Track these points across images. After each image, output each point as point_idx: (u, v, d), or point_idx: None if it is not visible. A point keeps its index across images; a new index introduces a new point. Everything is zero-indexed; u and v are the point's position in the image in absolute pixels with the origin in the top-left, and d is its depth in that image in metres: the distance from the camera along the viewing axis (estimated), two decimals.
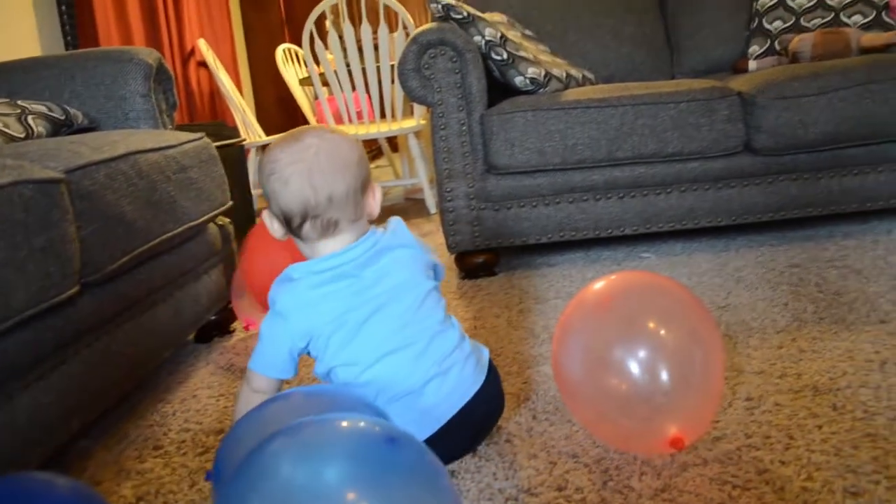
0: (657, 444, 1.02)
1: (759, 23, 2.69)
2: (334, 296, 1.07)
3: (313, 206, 1.05)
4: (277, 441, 0.72)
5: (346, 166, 1.07)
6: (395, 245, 1.12)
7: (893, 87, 2.08)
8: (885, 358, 1.33)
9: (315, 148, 1.06)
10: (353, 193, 1.08)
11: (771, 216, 2.19)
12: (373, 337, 1.07)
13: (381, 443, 0.72)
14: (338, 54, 3.37)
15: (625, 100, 2.10)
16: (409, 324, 1.08)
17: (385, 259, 1.10)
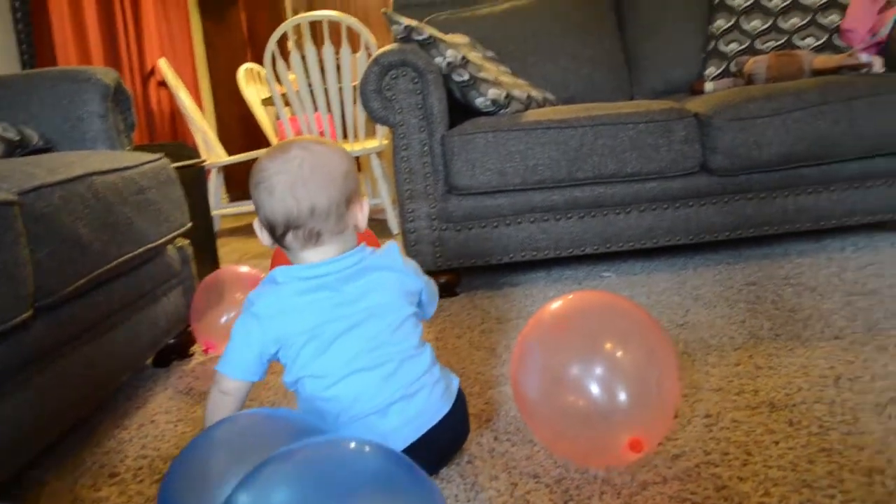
0: (617, 455, 1.03)
1: (715, 45, 2.75)
2: (315, 305, 1.08)
3: (295, 217, 1.07)
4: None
5: (330, 178, 1.08)
6: (381, 266, 1.13)
7: (845, 109, 2.13)
8: (839, 373, 1.35)
9: (300, 159, 1.07)
10: (337, 206, 1.08)
11: (728, 235, 2.22)
12: (345, 352, 1.07)
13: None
14: (300, 74, 3.37)
15: (584, 121, 2.13)
16: (382, 345, 1.09)
17: (368, 277, 1.11)
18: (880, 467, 1.02)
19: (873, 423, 1.15)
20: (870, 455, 1.06)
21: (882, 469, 1.02)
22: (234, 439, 0.93)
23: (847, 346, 1.49)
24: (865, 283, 1.90)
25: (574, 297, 1.16)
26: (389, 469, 0.73)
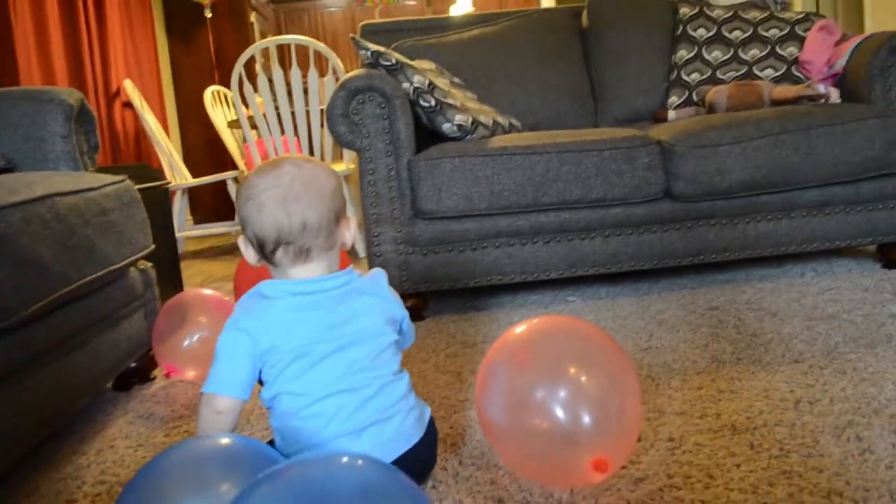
0: (582, 476, 1.04)
1: (678, 75, 2.80)
2: (307, 323, 1.08)
3: (287, 233, 1.07)
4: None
5: (320, 195, 1.09)
6: (370, 291, 1.14)
7: (803, 138, 2.18)
8: (799, 397, 1.37)
9: (291, 175, 1.08)
10: (327, 223, 1.09)
11: (691, 260, 2.25)
12: (328, 373, 1.06)
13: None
14: (267, 98, 3.36)
15: (550, 147, 2.15)
16: (364, 369, 1.09)
17: (358, 301, 1.12)
18: (839, 489, 1.04)
19: (832, 445, 1.17)
20: (829, 477, 1.07)
21: (841, 491, 1.03)
22: (185, 466, 0.92)
23: (807, 369, 1.51)
24: (824, 307, 1.94)
25: (538, 321, 1.17)
26: (380, 480, 0.74)
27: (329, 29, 8.95)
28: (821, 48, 2.61)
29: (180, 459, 0.93)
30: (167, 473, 0.91)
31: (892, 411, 1.28)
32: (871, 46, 2.36)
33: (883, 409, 1.29)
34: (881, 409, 1.29)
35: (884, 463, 1.10)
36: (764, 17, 2.78)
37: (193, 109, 5.17)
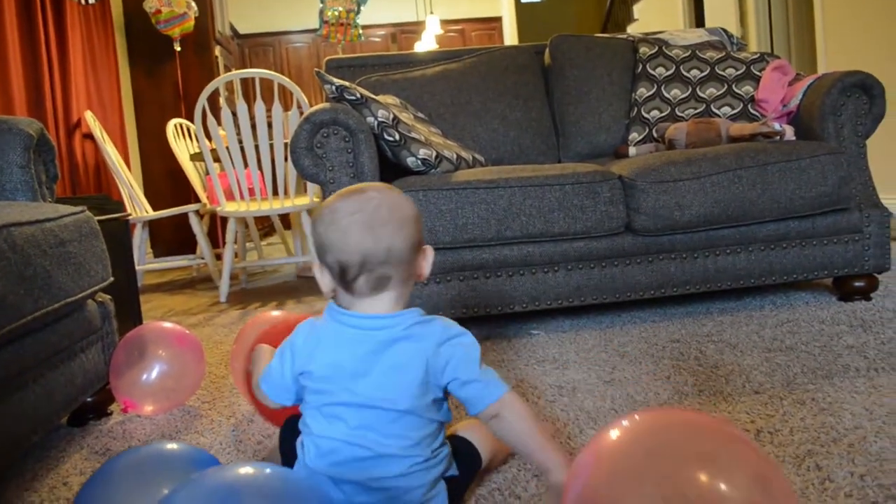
0: None
1: (638, 112, 2.86)
2: (337, 364, 1.06)
3: (371, 258, 1.04)
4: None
5: (405, 221, 1.07)
6: (418, 336, 1.06)
7: (760, 173, 2.23)
8: (759, 427, 1.39)
9: (377, 200, 1.06)
10: (410, 250, 1.07)
11: (652, 293, 2.28)
12: (334, 422, 1.06)
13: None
14: (230, 130, 3.35)
15: (513, 181, 2.17)
16: (371, 430, 1.04)
17: (399, 348, 1.05)
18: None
19: (793, 475, 1.18)
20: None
21: None
22: (132, 473, 0.95)
23: (767, 400, 1.53)
24: (783, 339, 1.97)
25: (643, 421, 0.87)
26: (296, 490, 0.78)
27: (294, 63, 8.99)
28: (775, 87, 2.68)
29: (125, 466, 0.97)
30: (113, 481, 0.94)
31: (850, 440, 1.29)
32: (824, 86, 2.43)
33: (841, 438, 1.31)
34: (840, 439, 1.31)
35: (843, 491, 1.11)
36: (721, 57, 2.86)
37: (155, 142, 5.14)
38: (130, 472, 0.94)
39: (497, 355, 2.06)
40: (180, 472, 0.95)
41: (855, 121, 2.38)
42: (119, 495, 0.91)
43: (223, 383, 2.03)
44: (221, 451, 1.51)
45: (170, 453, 0.99)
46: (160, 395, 1.75)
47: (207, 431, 1.65)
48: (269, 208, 3.48)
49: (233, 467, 0.79)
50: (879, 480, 1.14)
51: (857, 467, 1.19)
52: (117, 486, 0.92)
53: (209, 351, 2.40)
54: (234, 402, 1.85)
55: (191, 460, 0.98)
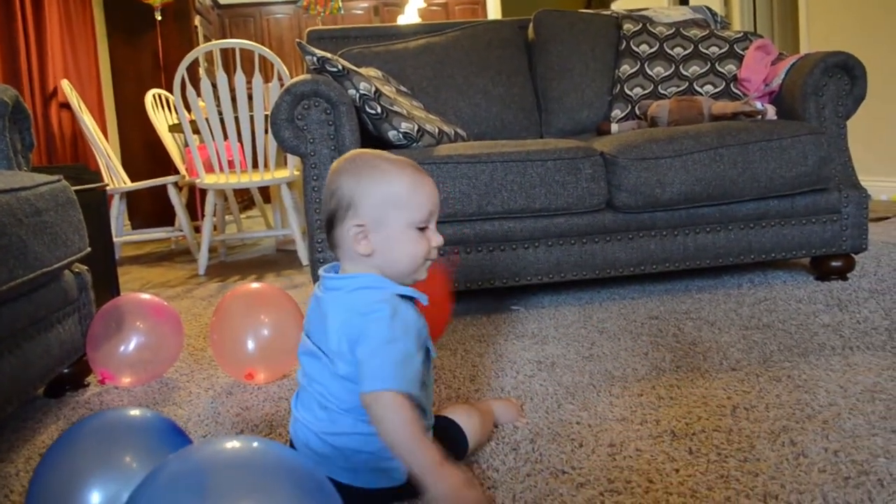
0: None
1: (621, 89, 2.85)
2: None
3: (330, 209, 1.11)
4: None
5: (358, 187, 1.11)
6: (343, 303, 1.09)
7: (741, 152, 2.23)
8: (735, 403, 1.40)
9: (370, 158, 1.12)
10: (336, 214, 1.11)
11: (632, 270, 2.29)
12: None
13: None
14: (210, 102, 3.31)
15: (495, 156, 2.16)
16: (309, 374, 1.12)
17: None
18: (774, 492, 1.06)
19: (768, 450, 1.20)
20: (764, 481, 1.09)
21: (776, 494, 1.05)
22: (95, 442, 0.94)
23: (743, 377, 1.54)
24: (760, 317, 1.99)
25: None
26: (285, 466, 0.76)
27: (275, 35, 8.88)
28: (758, 66, 2.69)
29: (89, 433, 0.96)
30: (78, 448, 0.93)
31: (824, 417, 1.31)
32: (806, 66, 2.43)
33: (816, 414, 1.32)
34: (814, 415, 1.32)
35: (817, 466, 1.13)
36: (704, 35, 2.85)
37: (134, 112, 5.07)
38: (93, 438, 0.94)
39: (476, 330, 2.06)
40: (143, 438, 0.94)
41: (836, 101, 2.39)
42: (82, 461, 0.91)
43: (202, 356, 2.02)
44: (200, 424, 1.50)
45: (133, 420, 0.98)
46: (137, 366, 1.74)
47: (185, 403, 1.64)
48: (248, 181, 3.45)
49: (218, 441, 0.78)
50: (852, 456, 1.15)
51: (830, 443, 1.21)
52: (81, 452, 0.92)
53: (188, 323, 2.38)
54: (212, 374, 1.84)
55: (154, 427, 0.97)
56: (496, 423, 1.36)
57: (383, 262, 1.10)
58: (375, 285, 1.08)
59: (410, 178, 1.10)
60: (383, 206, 1.08)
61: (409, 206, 1.09)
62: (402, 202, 1.08)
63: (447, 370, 1.73)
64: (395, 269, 1.10)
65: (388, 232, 1.09)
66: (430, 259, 1.13)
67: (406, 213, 1.08)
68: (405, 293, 1.09)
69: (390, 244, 1.09)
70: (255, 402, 1.62)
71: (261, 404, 1.60)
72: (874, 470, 1.10)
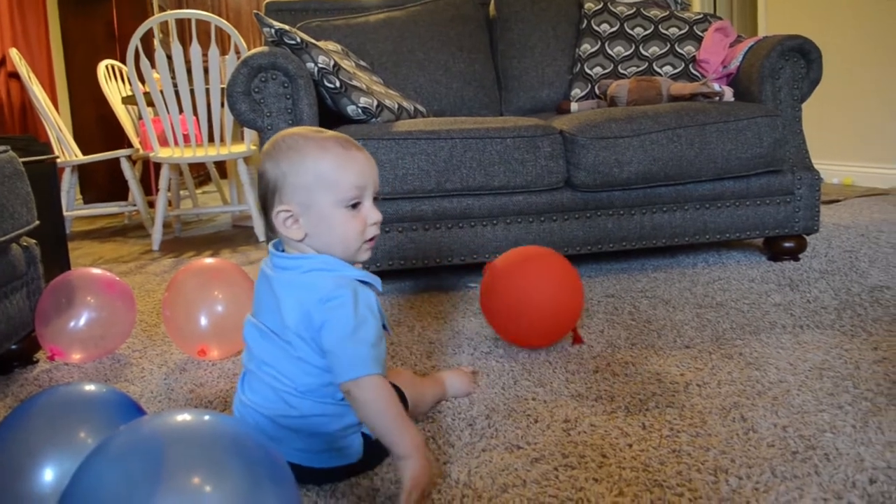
0: None
1: (581, 68, 2.85)
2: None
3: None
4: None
5: (286, 171, 1.09)
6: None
7: (698, 133, 2.25)
8: (688, 380, 1.42)
9: (297, 137, 1.09)
10: (264, 196, 1.11)
11: (589, 249, 2.30)
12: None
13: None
14: (165, 74, 3.24)
15: (454, 133, 2.15)
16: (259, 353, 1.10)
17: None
18: (725, 466, 1.08)
19: (719, 425, 1.22)
20: (715, 455, 1.11)
21: (726, 468, 1.07)
22: (48, 417, 0.92)
23: (696, 354, 1.56)
24: (714, 296, 2.02)
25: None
26: (233, 437, 0.75)
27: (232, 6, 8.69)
28: (717, 48, 2.70)
29: (41, 408, 0.93)
30: (30, 424, 0.91)
31: (774, 393, 1.33)
32: (763, 49, 2.46)
33: (766, 391, 1.35)
34: (764, 392, 1.35)
35: (766, 441, 1.15)
36: (665, 15, 2.86)
37: (86, 84, 4.95)
38: (47, 414, 0.92)
39: (433, 307, 2.06)
40: (99, 413, 0.93)
41: (792, 84, 2.42)
42: (34, 437, 0.89)
43: (155, 332, 1.99)
44: (152, 400, 1.48)
45: (88, 394, 0.96)
46: (88, 342, 1.71)
47: (138, 380, 1.61)
48: (204, 155, 3.39)
49: (169, 414, 0.77)
50: (800, 431, 1.18)
51: (780, 419, 1.23)
52: (33, 428, 0.90)
53: (141, 299, 2.34)
54: (165, 350, 1.81)
55: (110, 402, 0.95)
56: (450, 396, 1.37)
57: (318, 245, 1.07)
58: (329, 268, 1.06)
59: (333, 155, 1.06)
60: (307, 188, 1.05)
61: (336, 185, 1.05)
62: (326, 182, 1.05)
63: (404, 346, 1.72)
64: (331, 252, 1.07)
65: (317, 214, 1.05)
66: (367, 238, 1.08)
67: (332, 192, 1.05)
68: (361, 279, 1.07)
69: (321, 227, 1.06)
70: (209, 378, 1.60)
71: (215, 381, 1.58)
72: (821, 445, 1.13)
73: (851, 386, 1.35)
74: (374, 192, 1.09)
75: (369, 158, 1.09)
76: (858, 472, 1.04)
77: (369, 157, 1.09)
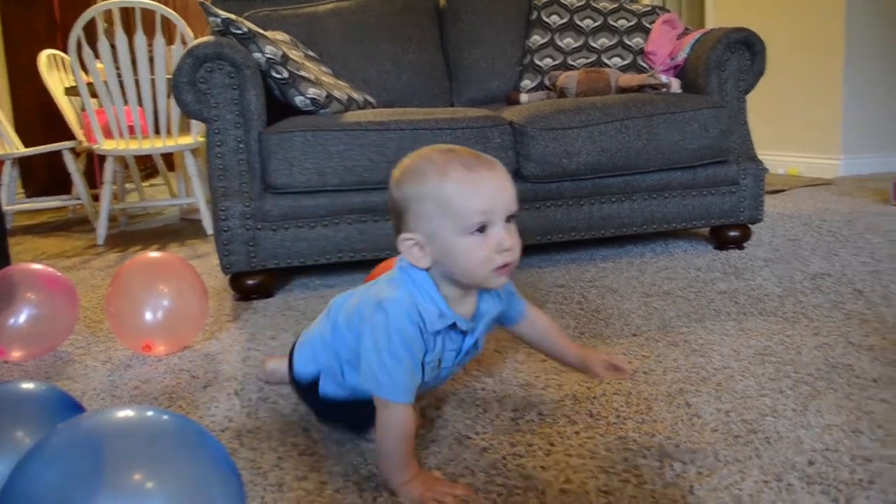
0: None
1: (531, 59, 2.86)
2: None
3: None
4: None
5: (404, 192, 1.07)
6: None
7: (646, 124, 2.28)
8: (635, 367, 1.44)
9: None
10: (393, 216, 1.10)
11: (538, 239, 2.31)
12: None
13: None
14: (109, 64, 3.17)
15: (404, 124, 2.14)
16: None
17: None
18: (670, 452, 1.09)
19: (664, 412, 1.23)
20: (661, 441, 1.13)
21: (671, 453, 1.09)
22: None
23: (643, 342, 1.58)
24: (661, 285, 2.04)
25: None
26: (172, 430, 0.74)
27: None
28: (664, 40, 2.74)
29: None
30: None
31: (718, 380, 1.36)
32: (710, 42, 2.49)
33: (710, 377, 1.37)
34: (709, 378, 1.37)
35: (709, 426, 1.17)
36: (614, 7, 2.89)
37: (27, 74, 4.80)
38: None
39: None
40: (37, 412, 0.90)
41: (737, 76, 2.46)
42: None
43: (99, 328, 1.94)
44: (95, 398, 1.45)
45: (25, 392, 0.94)
46: (29, 339, 1.67)
47: (81, 377, 1.58)
48: (150, 147, 3.32)
49: (111, 410, 0.75)
50: (743, 416, 1.20)
51: (723, 404, 1.25)
52: None
53: (85, 295, 2.29)
54: (110, 347, 1.78)
55: (49, 400, 0.93)
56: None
57: (445, 273, 1.03)
58: (406, 286, 1.03)
59: (454, 180, 0.98)
60: (428, 217, 0.99)
61: (457, 213, 0.97)
62: (447, 210, 0.97)
63: None
64: (459, 279, 1.03)
65: (441, 243, 0.99)
66: (495, 267, 1.00)
67: (454, 220, 0.97)
68: (439, 325, 1.03)
69: (446, 257, 1.00)
70: (155, 374, 1.57)
71: (161, 377, 1.55)
72: (762, 428, 1.15)
73: (792, 371, 1.38)
74: (507, 213, 1.00)
75: (499, 177, 1.00)
76: (798, 455, 1.06)
77: (500, 175, 1.01)
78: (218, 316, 1.99)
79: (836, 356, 1.45)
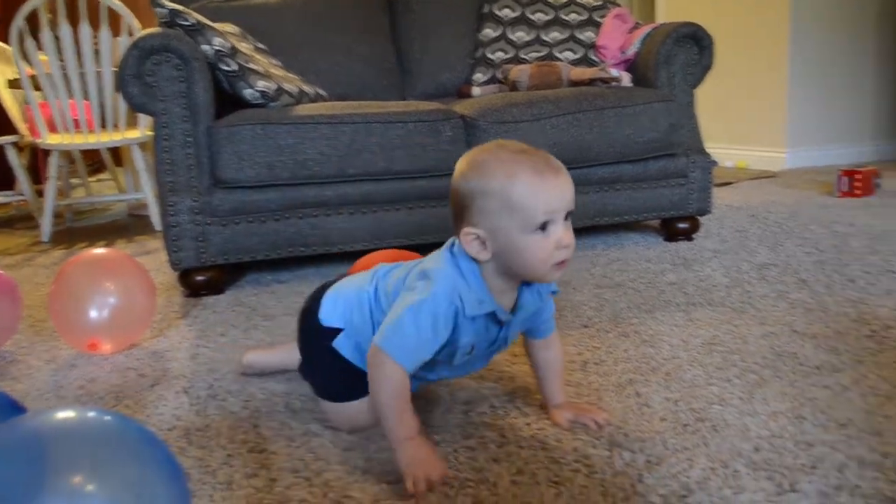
0: None
1: (483, 53, 2.86)
2: None
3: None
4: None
5: (468, 184, 1.06)
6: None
7: (597, 117, 2.29)
8: (586, 359, 1.45)
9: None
10: (452, 210, 1.11)
11: None
12: None
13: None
14: (52, 56, 3.09)
15: (356, 117, 2.13)
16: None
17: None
18: (619, 441, 1.10)
19: (615, 401, 1.24)
20: (611, 431, 1.14)
21: (621, 443, 1.10)
22: None
23: (594, 333, 1.60)
24: (612, 276, 2.06)
25: None
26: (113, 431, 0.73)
27: None
28: (615, 34, 2.76)
29: None
30: None
31: (667, 369, 1.38)
32: (659, 36, 2.52)
33: (660, 367, 1.39)
34: (658, 368, 1.39)
35: (658, 415, 1.18)
36: (565, 2, 2.90)
37: None
38: None
39: None
40: None
41: (686, 70, 2.49)
42: None
43: (42, 327, 1.90)
44: (39, 398, 1.41)
45: None
46: None
47: (24, 377, 1.54)
48: (96, 141, 3.25)
49: (52, 411, 0.73)
50: (691, 405, 1.22)
51: (672, 393, 1.27)
52: None
53: (28, 293, 2.23)
54: (54, 346, 1.74)
55: None
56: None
57: (503, 267, 1.05)
58: (453, 269, 1.06)
59: (522, 182, 0.99)
60: (493, 213, 1.01)
61: (522, 212, 0.99)
62: (512, 209, 1.00)
63: None
64: (517, 272, 1.05)
65: (504, 240, 1.02)
66: (554, 262, 1.02)
67: (519, 219, 1.00)
68: (478, 311, 1.06)
69: (508, 253, 1.03)
70: (101, 373, 1.54)
71: (107, 376, 1.52)
72: (709, 417, 1.17)
73: (739, 360, 1.41)
74: (567, 211, 1.03)
75: (564, 181, 1.02)
76: (744, 442, 1.08)
77: (564, 180, 1.02)
78: (166, 313, 1.96)
79: (781, 345, 1.48)
